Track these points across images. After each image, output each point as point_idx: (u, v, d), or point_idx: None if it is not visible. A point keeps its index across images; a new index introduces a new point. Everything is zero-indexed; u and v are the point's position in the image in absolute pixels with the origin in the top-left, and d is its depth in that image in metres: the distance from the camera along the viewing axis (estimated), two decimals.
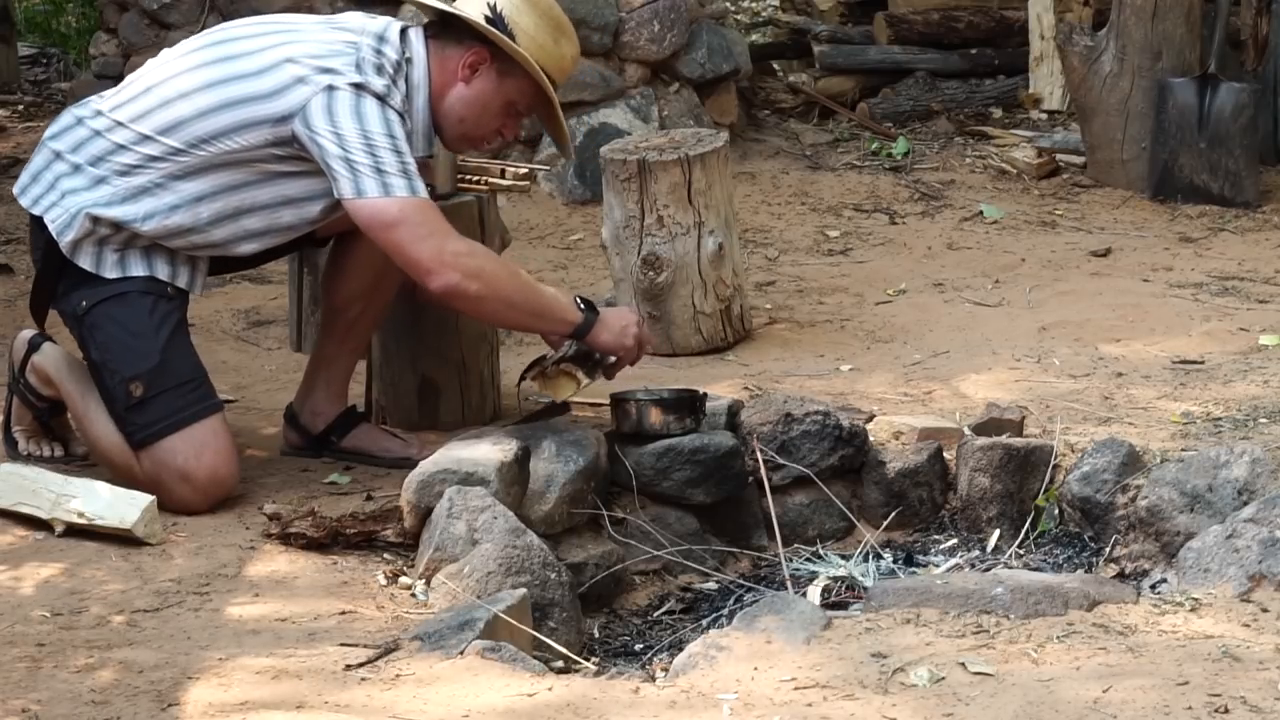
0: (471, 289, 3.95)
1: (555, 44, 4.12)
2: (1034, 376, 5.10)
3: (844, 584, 3.98)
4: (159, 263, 4.08)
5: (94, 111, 4.09)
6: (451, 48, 4.08)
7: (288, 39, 4.04)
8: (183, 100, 4.00)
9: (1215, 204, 7.35)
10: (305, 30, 4.09)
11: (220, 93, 3.98)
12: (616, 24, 7.59)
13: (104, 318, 4.04)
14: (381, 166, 3.89)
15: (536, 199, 7.31)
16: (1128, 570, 3.99)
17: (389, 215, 3.90)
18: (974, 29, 9.06)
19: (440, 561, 3.70)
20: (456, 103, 4.09)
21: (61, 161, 4.06)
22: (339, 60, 3.96)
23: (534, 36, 4.08)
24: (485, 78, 4.09)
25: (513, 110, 4.15)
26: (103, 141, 4.04)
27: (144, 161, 4.01)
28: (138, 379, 4.01)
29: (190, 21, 7.69)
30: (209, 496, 4.02)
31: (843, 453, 4.34)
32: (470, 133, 4.16)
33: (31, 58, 10.54)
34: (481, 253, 4.04)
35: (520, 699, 3.08)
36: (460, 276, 3.93)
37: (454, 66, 4.08)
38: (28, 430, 4.34)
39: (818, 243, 6.99)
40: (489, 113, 4.12)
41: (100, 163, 4.03)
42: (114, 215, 4.00)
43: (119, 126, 4.03)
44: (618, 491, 4.21)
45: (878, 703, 3.03)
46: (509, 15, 4.06)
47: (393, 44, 4.03)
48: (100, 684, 3.16)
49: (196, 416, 4.03)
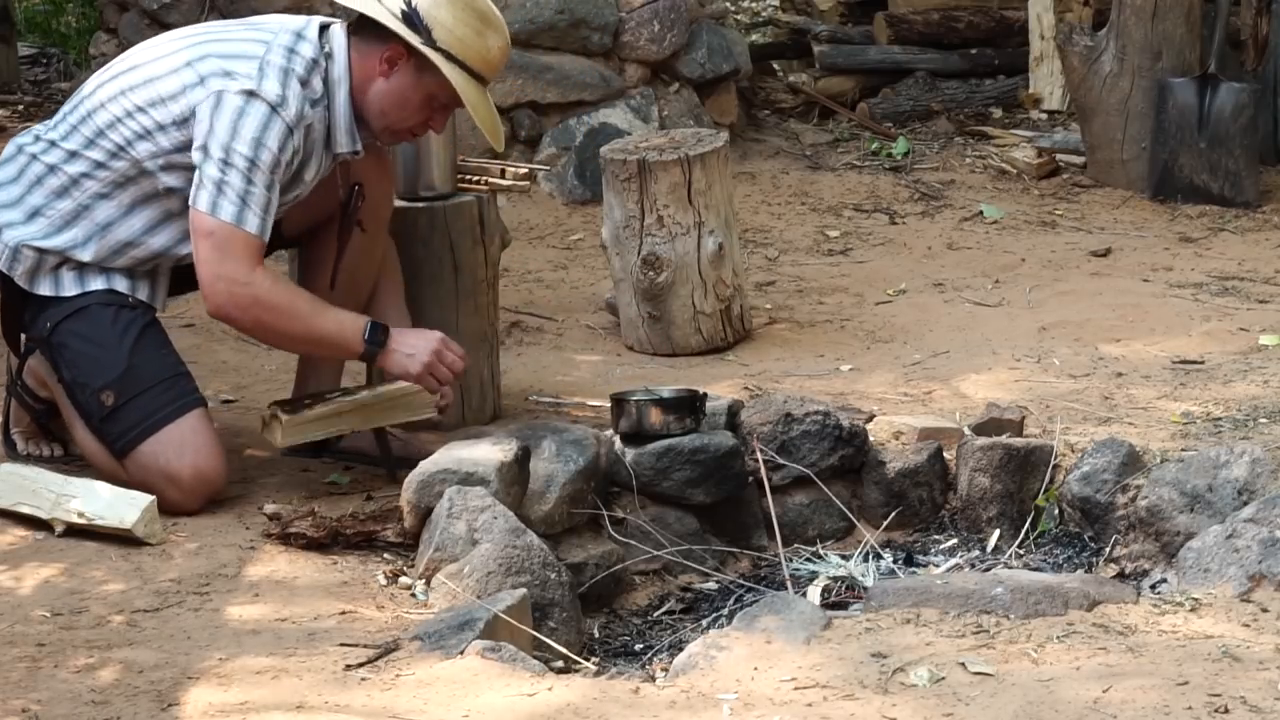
0: (242, 318, 4.00)
1: (479, 36, 4.06)
2: (1034, 376, 5.10)
3: (844, 584, 3.98)
4: (117, 278, 4.10)
5: (33, 137, 4.14)
6: (371, 43, 4.07)
7: (203, 40, 4.06)
8: (101, 110, 4.04)
9: (1215, 204, 7.35)
10: (227, 31, 4.12)
11: (131, 98, 4.02)
12: (616, 24, 7.59)
13: (68, 334, 4.05)
14: (224, 185, 3.91)
15: (536, 199, 7.31)
16: (1128, 570, 3.99)
17: (202, 229, 3.93)
18: (974, 29, 9.05)
19: (440, 561, 3.70)
20: (377, 97, 4.08)
21: (3, 191, 4.10)
22: (242, 64, 3.97)
23: (452, 30, 4.03)
24: (404, 72, 4.06)
25: (435, 103, 4.11)
26: (37, 166, 4.08)
27: (71, 183, 4.05)
28: (107, 388, 4.01)
29: (190, 21, 7.66)
30: (197, 495, 4.01)
31: (843, 453, 4.34)
32: (393, 125, 4.13)
33: (31, 58, 10.52)
34: (266, 283, 3.97)
35: (520, 699, 3.08)
36: (230, 305, 3.96)
37: (373, 62, 4.06)
38: (26, 431, 4.34)
39: (818, 243, 6.99)
40: (410, 107, 4.10)
41: (34, 188, 4.07)
42: (53, 245, 4.04)
43: (52, 147, 4.08)
44: (618, 491, 4.21)
45: (878, 703, 3.03)
46: (425, 10, 4.02)
47: (310, 41, 4.04)
48: (100, 684, 3.17)
49: (171, 416, 4.02)
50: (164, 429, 4.00)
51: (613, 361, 5.48)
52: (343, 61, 4.06)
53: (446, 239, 4.56)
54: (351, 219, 4.28)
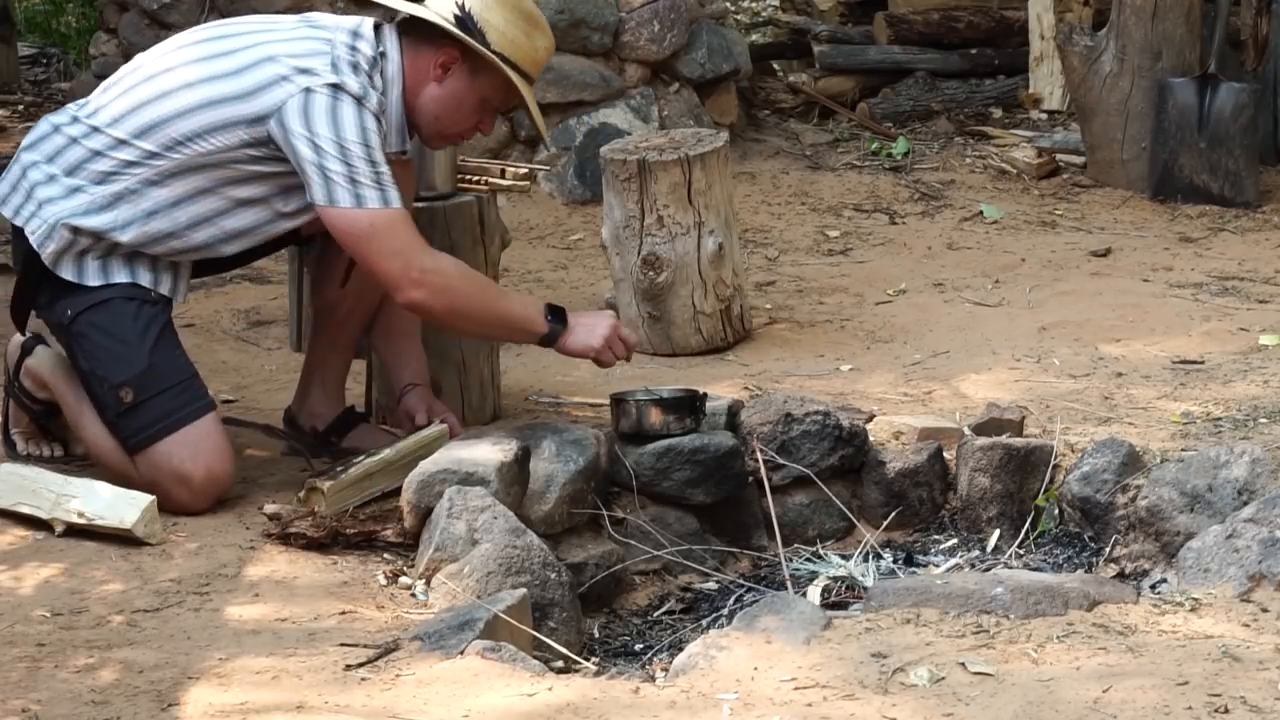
0: (437, 306, 4.00)
1: (528, 38, 4.10)
2: (1034, 376, 5.10)
3: (844, 584, 3.98)
4: (141, 270, 4.08)
5: (70, 118, 4.09)
6: (423, 47, 4.07)
7: (266, 38, 4.03)
8: (159, 102, 4.00)
9: (1215, 204, 7.35)
10: (283, 29, 4.08)
11: (196, 93, 3.98)
12: (616, 24, 7.59)
13: (89, 326, 4.04)
14: (355, 176, 3.90)
15: (536, 199, 7.31)
16: (1128, 570, 3.99)
17: (359, 227, 3.92)
18: (974, 29, 9.06)
19: (440, 561, 3.70)
20: (431, 102, 4.09)
21: (37, 170, 4.06)
22: (316, 60, 3.96)
23: (505, 32, 4.06)
24: (458, 77, 4.08)
25: (488, 106, 4.15)
26: (79, 149, 4.04)
27: (119, 168, 4.01)
28: (127, 385, 4.00)
29: (190, 21, 7.66)
30: (206, 496, 4.01)
31: (843, 453, 4.34)
32: (446, 130, 4.16)
33: (31, 58, 10.53)
34: (449, 267, 4.03)
35: (520, 699, 3.08)
36: (426, 294, 3.96)
37: (426, 66, 4.07)
38: (26, 432, 4.34)
39: (818, 243, 6.99)
40: (464, 110, 4.12)
41: (76, 171, 4.03)
42: (92, 225, 4.00)
43: (95, 132, 4.03)
44: (618, 491, 4.21)
45: (878, 703, 3.03)
46: (478, 14, 4.04)
47: (367, 39, 4.04)
48: (100, 684, 3.16)
49: (189, 418, 4.02)
50: (180, 430, 4.01)
51: None
52: (396, 62, 4.06)
53: (446, 239, 4.56)
54: None
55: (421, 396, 4.39)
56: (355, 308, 4.38)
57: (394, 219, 3.93)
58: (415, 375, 4.41)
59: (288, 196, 4.06)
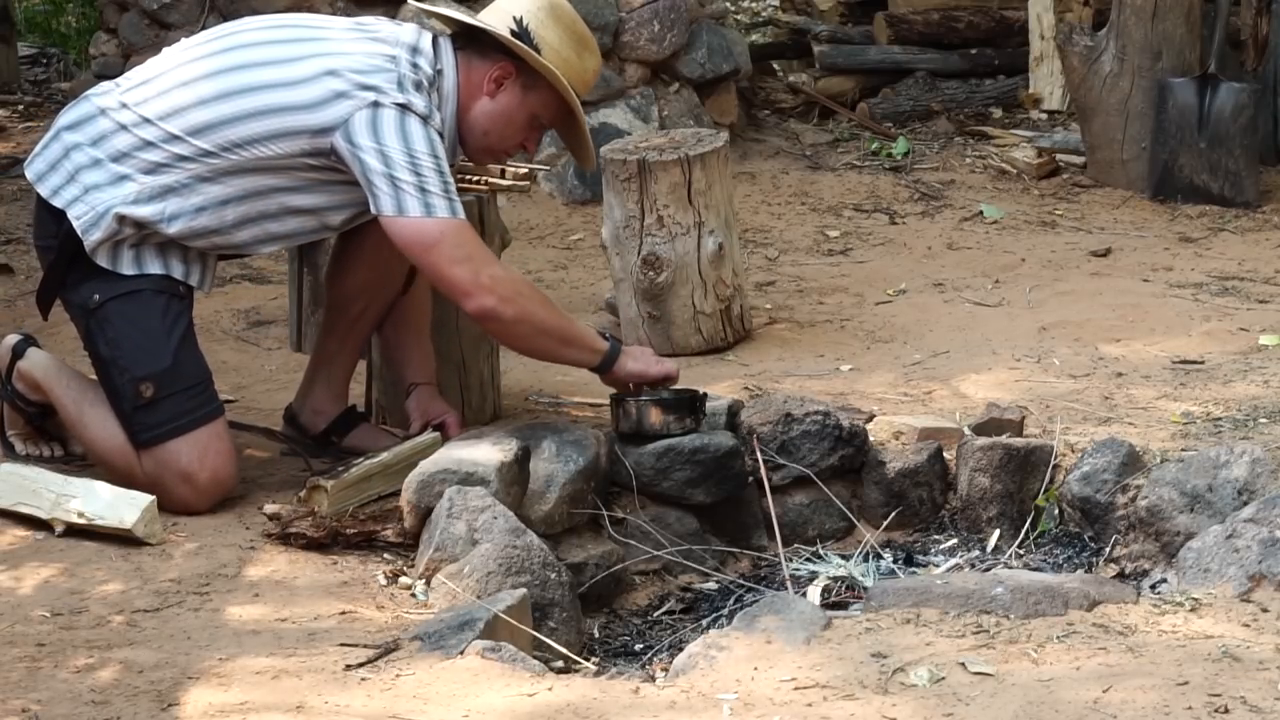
0: (507, 313, 4.00)
1: (579, 58, 4.13)
2: (1034, 376, 5.10)
3: (844, 584, 3.98)
4: (174, 261, 4.07)
5: (119, 103, 4.05)
6: (477, 60, 4.10)
7: (325, 49, 4.02)
8: (219, 102, 3.98)
9: (1215, 204, 7.35)
10: (339, 39, 4.07)
11: (259, 99, 3.97)
12: (616, 24, 7.59)
13: (116, 314, 4.03)
14: (425, 186, 3.91)
15: (536, 199, 7.31)
16: (1128, 570, 3.99)
17: (429, 236, 3.92)
18: (974, 29, 9.06)
19: (440, 561, 3.70)
20: (481, 116, 4.11)
21: (81, 152, 4.03)
22: (382, 77, 3.96)
23: (558, 50, 4.09)
24: (510, 92, 4.11)
25: (536, 123, 4.18)
26: (128, 136, 4.01)
27: (172, 160, 3.99)
28: (148, 380, 4.00)
29: (190, 21, 7.69)
30: (209, 497, 4.02)
31: (843, 453, 4.34)
32: (494, 145, 4.18)
33: (31, 58, 10.53)
34: (518, 279, 4.10)
35: (520, 699, 3.08)
36: (496, 300, 3.97)
37: (479, 79, 4.09)
38: (23, 433, 4.34)
39: (818, 243, 6.99)
40: (513, 126, 4.14)
41: (124, 159, 4.01)
42: (140, 214, 3.99)
43: (146, 123, 4.01)
44: (618, 491, 4.21)
45: (878, 703, 3.03)
46: (534, 29, 4.07)
47: (426, 55, 4.05)
48: (100, 684, 3.17)
49: (202, 420, 4.03)
50: (193, 431, 4.01)
51: None
52: (452, 78, 4.08)
53: None
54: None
55: (422, 398, 4.39)
56: (369, 306, 4.39)
57: (462, 229, 3.96)
58: (419, 374, 4.42)
59: (335, 209, 4.08)
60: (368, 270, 4.32)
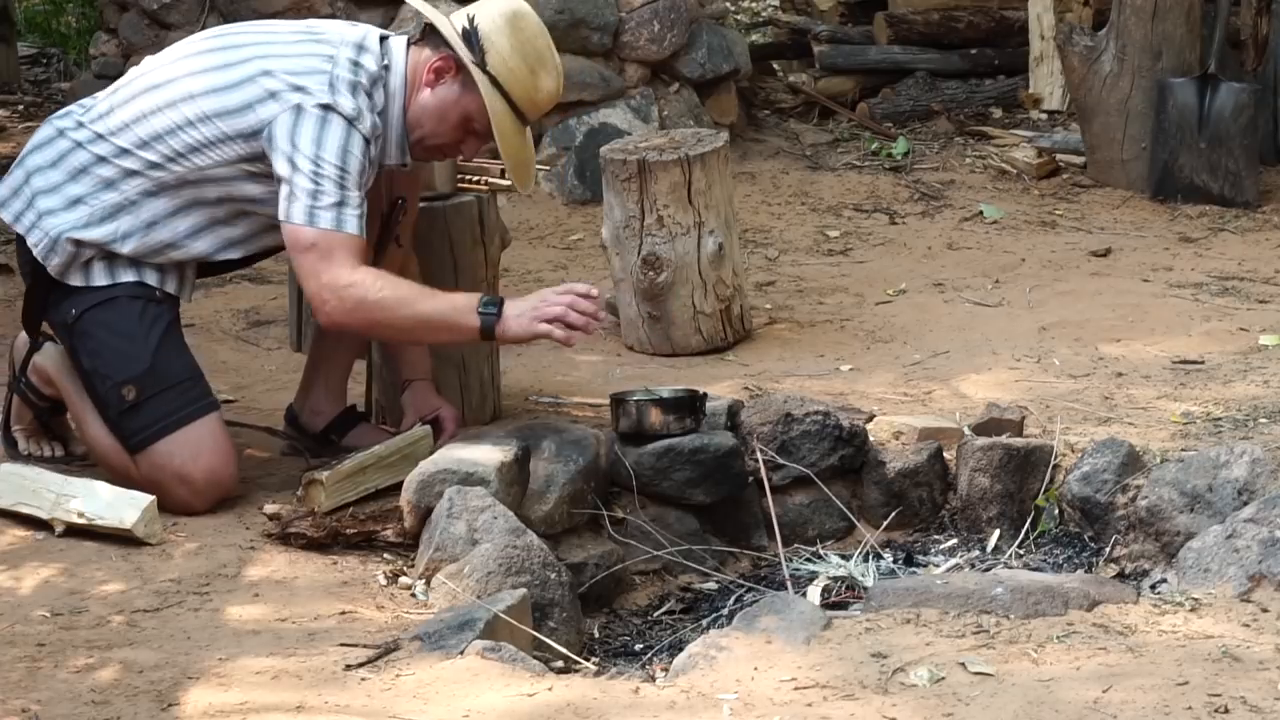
0: (355, 322, 3.97)
1: (531, 74, 4.04)
2: (1034, 376, 5.10)
3: (844, 584, 3.98)
4: (147, 271, 4.08)
5: (75, 123, 4.09)
6: (428, 52, 4.06)
7: (265, 52, 4.02)
8: (159, 114, 4.01)
9: (1215, 204, 7.35)
10: (281, 42, 4.07)
11: (196, 106, 3.98)
12: (616, 24, 7.59)
13: (93, 324, 4.04)
14: (318, 194, 3.89)
15: (536, 199, 7.31)
16: (1128, 570, 3.99)
17: (302, 244, 3.92)
18: (974, 29, 9.06)
19: (440, 561, 3.70)
20: (418, 109, 4.06)
21: (41, 176, 4.07)
22: (313, 79, 3.94)
23: (506, 59, 4.01)
24: (448, 86, 4.04)
25: (470, 126, 4.07)
26: (83, 154, 4.05)
27: (121, 176, 4.02)
28: (130, 383, 4.00)
29: (190, 21, 7.69)
30: (208, 497, 4.01)
31: (843, 453, 4.34)
32: (426, 141, 4.10)
33: (31, 58, 10.53)
34: (367, 283, 3.92)
35: (520, 699, 3.08)
36: (339, 312, 3.92)
37: (424, 69, 4.05)
38: (27, 430, 4.34)
39: (818, 243, 6.99)
40: (446, 124, 4.06)
41: (79, 176, 4.04)
42: (93, 237, 4.01)
43: (99, 139, 4.04)
44: (618, 491, 4.21)
45: (878, 703, 3.03)
46: (485, 31, 4.01)
47: (372, 53, 4.02)
48: (100, 684, 3.17)
49: (191, 417, 4.02)
50: (182, 429, 4.01)
51: (613, 361, 5.48)
52: (400, 74, 4.05)
53: (446, 239, 4.56)
54: (391, 232, 4.27)
55: (417, 394, 4.38)
56: None
57: (336, 242, 3.90)
58: (414, 370, 4.41)
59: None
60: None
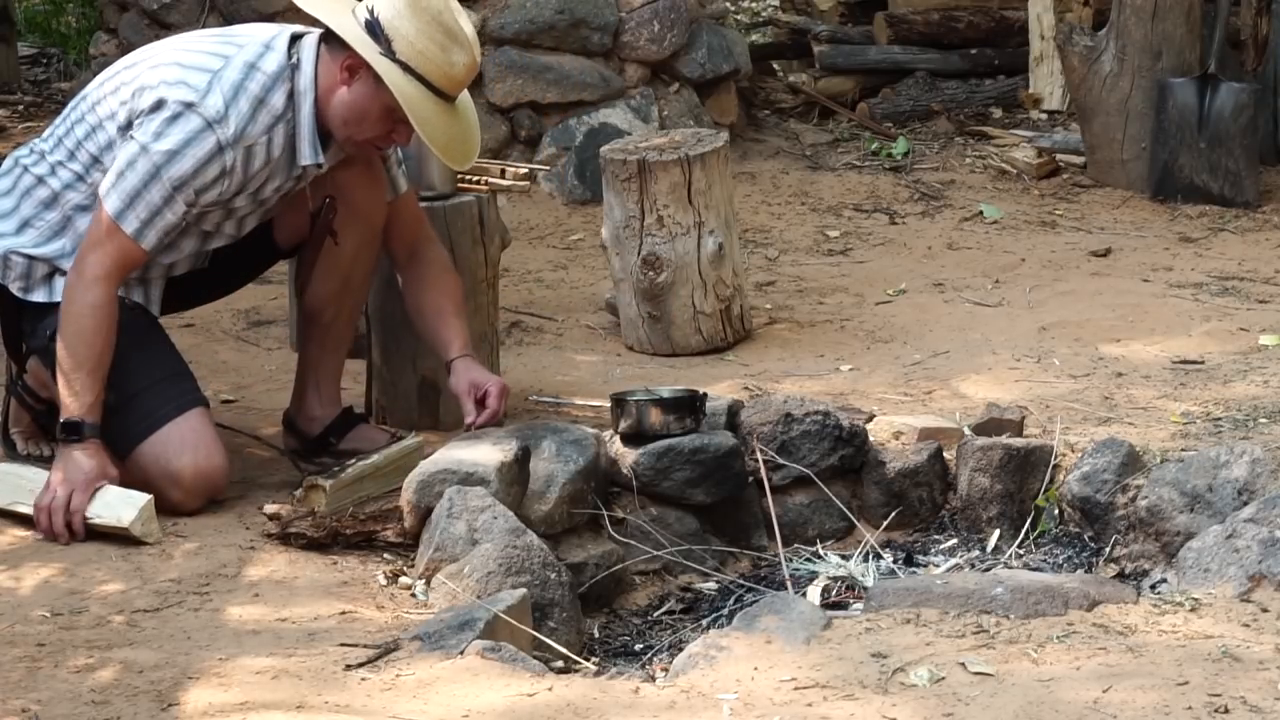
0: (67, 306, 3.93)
1: (443, 51, 3.98)
2: (1034, 376, 5.10)
3: (844, 584, 3.98)
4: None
5: (28, 150, 4.15)
6: (337, 52, 4.02)
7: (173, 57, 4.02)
8: (81, 122, 4.05)
9: (1215, 204, 7.35)
10: (197, 43, 4.08)
11: (102, 110, 4.02)
12: (616, 24, 7.59)
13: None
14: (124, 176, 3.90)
15: (536, 199, 7.31)
16: (1128, 570, 3.99)
17: (96, 235, 3.92)
18: (974, 29, 9.05)
19: (440, 561, 3.70)
20: (339, 106, 4.02)
21: None
22: (196, 75, 3.94)
23: (414, 43, 3.96)
24: (364, 82, 3.99)
25: (395, 116, 4.02)
26: (28, 177, 4.10)
27: (55, 195, 4.06)
28: (107, 389, 3.98)
29: (190, 21, 7.69)
30: (198, 494, 4.00)
31: (843, 453, 4.34)
32: (354, 136, 4.06)
33: (31, 58, 10.53)
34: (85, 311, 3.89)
35: (520, 699, 3.08)
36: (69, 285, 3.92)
37: (336, 69, 4.01)
38: (26, 431, 4.34)
39: (818, 243, 6.99)
40: (369, 118, 4.03)
41: (25, 199, 4.08)
42: (42, 254, 4.05)
43: (41, 159, 4.10)
44: (618, 491, 4.21)
45: (878, 703, 3.03)
46: (387, 21, 3.96)
47: (277, 52, 4.00)
48: (100, 684, 3.17)
49: (171, 415, 4.01)
50: (163, 428, 3.99)
51: (613, 361, 5.48)
52: (309, 72, 4.01)
53: (446, 239, 4.56)
54: (323, 230, 4.26)
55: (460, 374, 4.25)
56: (340, 310, 4.38)
57: (113, 231, 3.91)
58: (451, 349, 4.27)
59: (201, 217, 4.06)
60: (329, 280, 4.31)
